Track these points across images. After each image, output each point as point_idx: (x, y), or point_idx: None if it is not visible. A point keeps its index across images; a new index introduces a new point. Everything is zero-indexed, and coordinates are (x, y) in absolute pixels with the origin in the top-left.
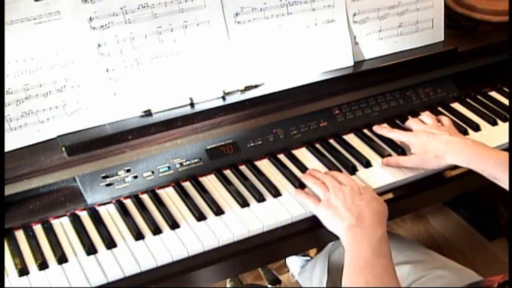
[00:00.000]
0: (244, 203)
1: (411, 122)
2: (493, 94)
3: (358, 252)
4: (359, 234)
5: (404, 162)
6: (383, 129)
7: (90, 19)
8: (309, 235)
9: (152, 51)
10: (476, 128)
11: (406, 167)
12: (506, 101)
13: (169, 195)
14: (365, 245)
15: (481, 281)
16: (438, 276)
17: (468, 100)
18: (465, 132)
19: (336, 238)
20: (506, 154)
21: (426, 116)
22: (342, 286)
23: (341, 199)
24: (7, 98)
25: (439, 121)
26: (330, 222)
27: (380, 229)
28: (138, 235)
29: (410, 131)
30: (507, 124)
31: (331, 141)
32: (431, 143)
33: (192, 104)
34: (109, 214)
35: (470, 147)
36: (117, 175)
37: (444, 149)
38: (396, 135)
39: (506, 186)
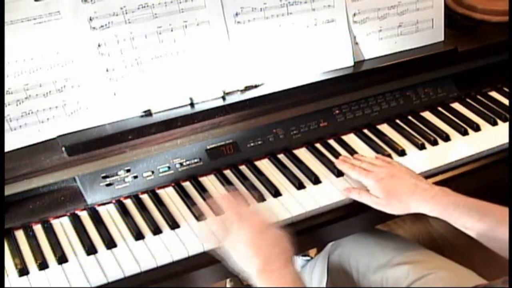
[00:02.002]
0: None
1: (358, 165)
2: (493, 94)
3: None
4: (272, 279)
5: (367, 201)
6: (344, 165)
7: (90, 19)
8: (309, 235)
9: (152, 51)
10: (476, 128)
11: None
12: (506, 101)
13: (169, 195)
14: None
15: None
16: (438, 277)
17: (468, 100)
18: (465, 132)
19: (336, 238)
20: (476, 201)
21: (370, 159)
22: None
23: (243, 241)
24: (7, 98)
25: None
26: (237, 265)
27: (291, 267)
28: (138, 235)
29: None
30: (507, 124)
31: (331, 141)
32: (396, 188)
33: (192, 104)
34: (109, 214)
35: (440, 196)
36: (117, 175)
37: (409, 197)
38: (356, 174)
39: (477, 236)
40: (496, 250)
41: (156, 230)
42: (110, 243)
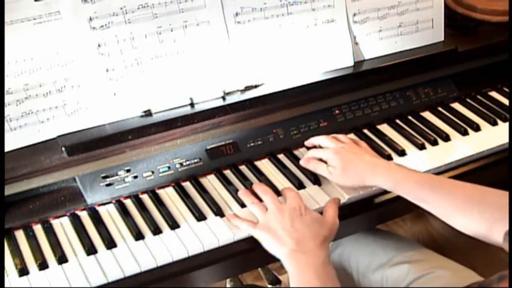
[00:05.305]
0: (244, 203)
1: (327, 140)
2: (493, 94)
3: (304, 280)
4: (302, 260)
5: (323, 172)
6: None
7: (90, 19)
8: None
9: (152, 51)
10: (476, 128)
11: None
12: (506, 101)
13: (169, 195)
14: (309, 272)
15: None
16: (437, 276)
17: (468, 100)
18: (465, 132)
19: (336, 237)
20: (431, 175)
21: (342, 136)
22: None
23: (280, 222)
24: (7, 98)
25: (355, 143)
26: (270, 246)
27: (322, 253)
28: (138, 235)
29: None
30: (507, 124)
31: None
32: (352, 161)
33: (192, 104)
34: (109, 214)
35: (394, 170)
36: (117, 175)
37: (364, 169)
38: (314, 152)
39: (432, 209)
40: (452, 225)
41: (156, 230)
42: (110, 243)
